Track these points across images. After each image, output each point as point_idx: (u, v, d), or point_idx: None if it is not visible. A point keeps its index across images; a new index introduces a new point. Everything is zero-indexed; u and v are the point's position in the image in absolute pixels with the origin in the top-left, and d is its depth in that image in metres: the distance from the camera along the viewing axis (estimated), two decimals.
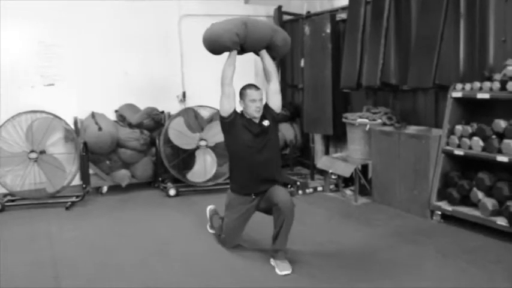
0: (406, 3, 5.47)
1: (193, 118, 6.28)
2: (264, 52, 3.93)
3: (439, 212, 4.68)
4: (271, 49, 3.95)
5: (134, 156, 6.15)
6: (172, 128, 6.02)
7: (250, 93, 3.79)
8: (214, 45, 3.85)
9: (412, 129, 5.18)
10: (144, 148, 6.18)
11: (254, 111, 3.78)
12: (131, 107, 6.54)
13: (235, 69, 3.82)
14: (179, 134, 6.00)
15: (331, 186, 5.96)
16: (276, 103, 3.91)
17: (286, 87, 7.58)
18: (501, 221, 4.10)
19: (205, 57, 6.90)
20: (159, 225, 4.95)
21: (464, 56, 4.90)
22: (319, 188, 5.97)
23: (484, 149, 4.34)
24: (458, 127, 4.63)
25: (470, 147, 4.46)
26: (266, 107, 3.88)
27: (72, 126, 6.10)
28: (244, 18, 3.89)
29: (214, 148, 6.13)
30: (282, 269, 3.63)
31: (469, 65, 4.87)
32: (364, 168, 5.55)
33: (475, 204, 4.39)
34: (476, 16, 4.78)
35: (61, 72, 6.35)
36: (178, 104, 6.90)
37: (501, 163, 4.18)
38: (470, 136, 4.48)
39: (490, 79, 4.43)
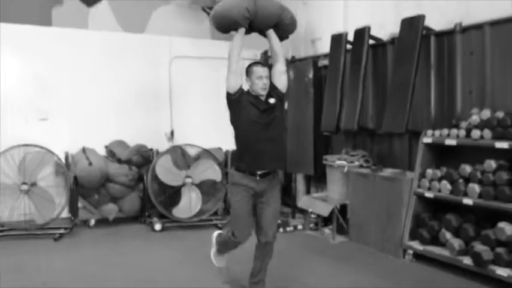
0: (382, 53, 5.88)
1: (180, 156, 6.54)
2: (271, 32, 3.96)
3: (411, 251, 4.92)
4: (279, 28, 3.98)
5: (122, 191, 6.38)
6: (159, 165, 6.27)
7: (257, 70, 3.80)
8: (224, 21, 3.87)
9: (387, 171, 5.47)
10: (132, 183, 6.41)
11: (260, 88, 3.78)
12: (121, 143, 6.80)
13: (242, 47, 3.85)
14: (166, 171, 6.24)
15: (311, 225, 6.20)
16: (282, 83, 3.91)
17: None
18: (467, 261, 4.35)
19: (194, 96, 7.36)
20: (146, 257, 5.14)
21: (434, 104, 5.26)
22: (300, 227, 6.20)
23: (451, 192, 4.63)
24: (429, 171, 4.92)
25: (439, 190, 4.75)
26: (272, 87, 3.87)
27: (64, 161, 6.32)
28: None
29: (200, 185, 6.37)
30: None
31: (439, 112, 5.22)
32: (343, 208, 5.80)
33: (444, 244, 4.65)
34: (445, 68, 5.17)
35: (54, 107, 6.66)
36: (167, 141, 7.16)
37: (467, 205, 4.48)
38: (440, 179, 4.78)
39: (457, 126, 4.76)
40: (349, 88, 5.89)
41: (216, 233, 4.27)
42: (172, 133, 7.26)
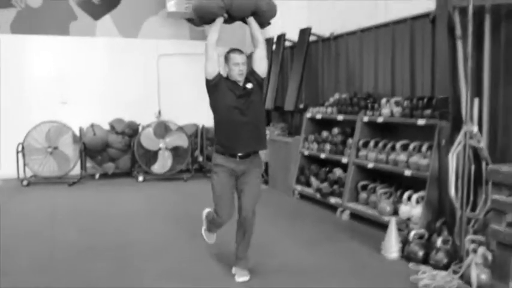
0: (298, 52, 8.01)
1: (162, 129, 8.95)
2: (251, 19, 4.03)
3: (297, 192, 7.14)
4: (258, 15, 4.04)
5: (118, 154, 8.92)
6: (143, 135, 8.74)
7: (234, 56, 3.91)
8: (202, 11, 3.98)
9: (293, 138, 7.65)
10: (125, 148, 8.94)
11: (237, 74, 3.89)
12: (120, 120, 9.32)
13: (219, 35, 3.96)
14: (147, 139, 8.70)
15: None
16: (261, 68, 4.00)
17: None
18: (318, 195, 6.54)
19: (176, 85, 9.75)
20: (127, 195, 7.66)
21: (320, 90, 7.41)
22: None
23: (317, 150, 6.81)
24: (310, 136, 7.10)
25: (312, 149, 6.94)
26: (252, 72, 3.99)
27: (77, 132, 8.92)
28: None
29: (174, 150, 8.79)
30: (240, 275, 4.05)
31: (323, 95, 7.37)
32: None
33: (311, 185, 6.85)
34: (326, 65, 7.30)
35: (71, 94, 9.26)
36: (156, 119, 9.60)
37: (322, 159, 6.66)
38: (313, 142, 6.96)
39: (323, 105, 6.91)
40: (273, 78, 8.10)
41: (206, 211, 4.37)
42: (159, 112, 9.71)
